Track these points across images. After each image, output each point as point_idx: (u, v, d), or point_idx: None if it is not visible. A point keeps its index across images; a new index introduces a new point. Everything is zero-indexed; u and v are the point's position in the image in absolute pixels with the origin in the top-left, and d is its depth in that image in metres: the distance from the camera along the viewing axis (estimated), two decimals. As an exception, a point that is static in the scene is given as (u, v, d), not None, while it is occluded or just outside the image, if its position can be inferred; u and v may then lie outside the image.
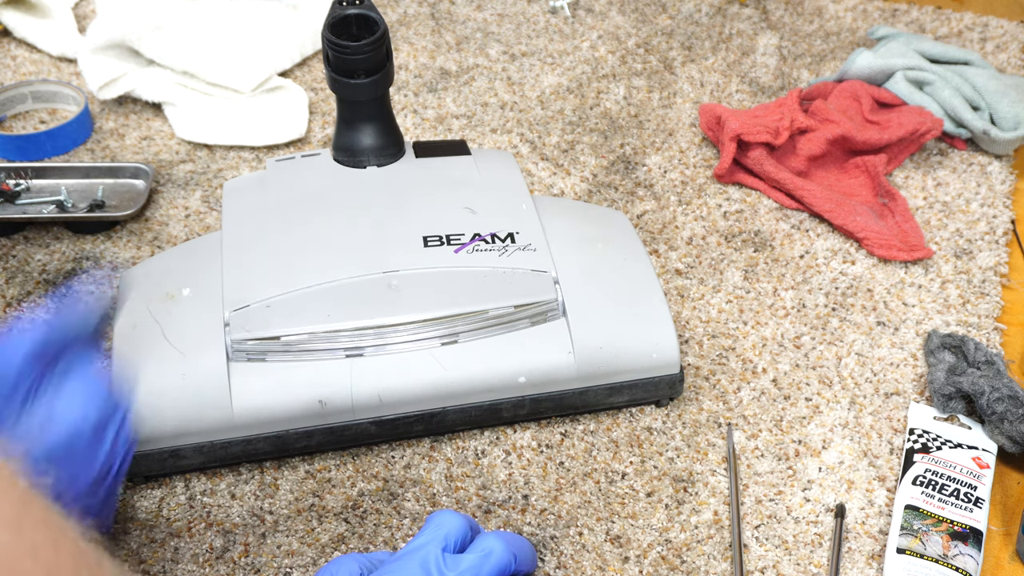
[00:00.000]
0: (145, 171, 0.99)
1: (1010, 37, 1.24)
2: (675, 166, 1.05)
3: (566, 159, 1.05)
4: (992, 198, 1.01)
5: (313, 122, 1.10)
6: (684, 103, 1.13)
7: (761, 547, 0.71)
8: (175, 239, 0.95)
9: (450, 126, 1.09)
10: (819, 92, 1.10)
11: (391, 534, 0.72)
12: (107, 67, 1.09)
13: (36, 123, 1.09)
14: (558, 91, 1.15)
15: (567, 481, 0.76)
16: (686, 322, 0.88)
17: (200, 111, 1.07)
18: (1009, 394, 0.76)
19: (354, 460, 0.77)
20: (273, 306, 0.74)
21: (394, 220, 0.81)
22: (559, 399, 0.77)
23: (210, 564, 0.70)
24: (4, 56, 1.18)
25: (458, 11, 1.28)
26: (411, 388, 0.74)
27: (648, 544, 0.72)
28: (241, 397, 0.72)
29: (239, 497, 0.74)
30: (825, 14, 1.28)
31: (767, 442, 0.78)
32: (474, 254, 0.78)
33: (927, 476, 0.74)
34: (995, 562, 0.71)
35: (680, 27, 1.25)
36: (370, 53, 0.79)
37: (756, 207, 1.00)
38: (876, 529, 0.73)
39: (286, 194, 0.84)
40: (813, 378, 0.83)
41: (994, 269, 0.93)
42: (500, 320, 0.76)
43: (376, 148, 0.85)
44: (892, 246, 0.93)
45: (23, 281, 0.90)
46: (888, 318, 0.89)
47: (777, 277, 0.92)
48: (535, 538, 0.72)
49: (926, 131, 1.02)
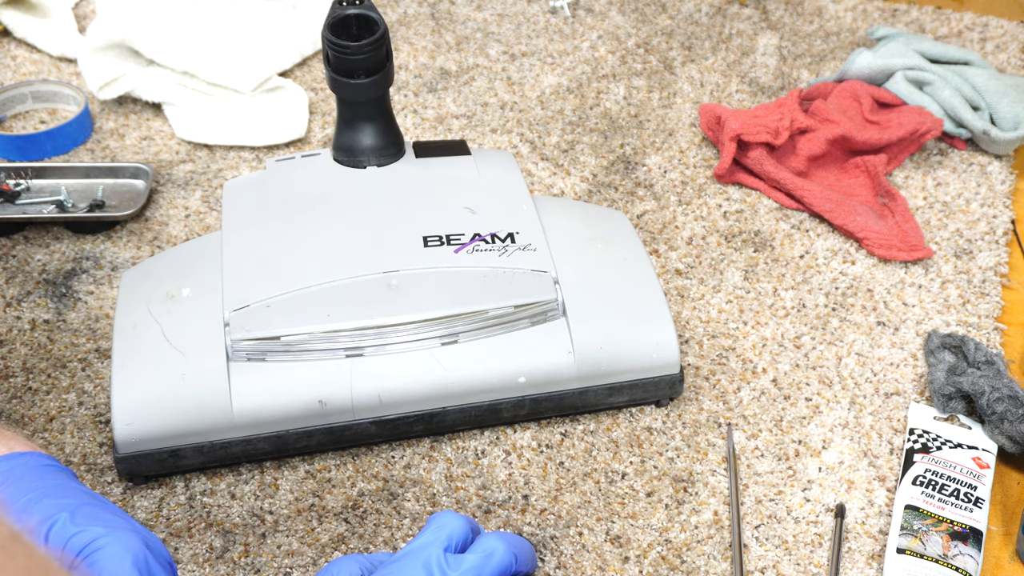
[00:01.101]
0: (145, 171, 0.99)
1: (1010, 37, 1.24)
2: (675, 166, 1.05)
3: (566, 159, 1.05)
4: (992, 198, 1.01)
5: (313, 122, 1.10)
6: (684, 103, 1.13)
7: (761, 547, 0.71)
8: (175, 239, 0.95)
9: (450, 126, 1.09)
10: (819, 92, 1.10)
11: (391, 534, 0.72)
12: (107, 67, 1.09)
13: (36, 123, 1.09)
14: (558, 91, 1.15)
15: (567, 481, 0.76)
16: (686, 322, 0.88)
17: (200, 111, 1.07)
18: (1009, 394, 0.76)
19: (354, 460, 0.77)
20: (273, 306, 0.74)
21: (394, 220, 0.81)
22: (559, 399, 0.77)
23: (210, 564, 0.70)
24: (4, 56, 1.18)
25: (458, 11, 1.28)
26: (411, 388, 0.74)
27: (648, 544, 0.72)
28: (241, 397, 0.72)
29: (239, 497, 0.74)
30: (825, 14, 1.28)
31: (767, 442, 0.78)
32: (474, 254, 0.78)
33: (927, 476, 0.74)
34: (995, 562, 0.71)
35: (680, 27, 1.25)
36: (370, 53, 0.79)
37: (756, 207, 1.00)
38: (876, 529, 0.73)
39: (286, 194, 0.84)
40: (813, 378, 0.83)
41: (994, 269, 0.93)
42: (500, 320, 0.76)
43: (376, 148, 0.85)
44: (892, 246, 0.93)
45: (23, 281, 0.90)
46: (888, 318, 0.89)
47: (777, 277, 0.92)
48: (535, 538, 0.72)
49: (926, 131, 1.02)
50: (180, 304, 0.76)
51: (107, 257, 0.93)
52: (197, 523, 0.72)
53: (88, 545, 0.58)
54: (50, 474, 0.62)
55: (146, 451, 0.72)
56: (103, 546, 0.58)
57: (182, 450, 0.73)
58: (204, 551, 0.71)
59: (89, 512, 0.59)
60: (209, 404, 0.72)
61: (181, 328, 0.75)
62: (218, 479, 0.75)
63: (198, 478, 0.75)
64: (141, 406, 0.72)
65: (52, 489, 0.61)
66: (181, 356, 0.73)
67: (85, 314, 0.87)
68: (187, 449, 0.73)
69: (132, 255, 0.93)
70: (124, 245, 0.94)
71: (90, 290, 0.90)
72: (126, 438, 0.71)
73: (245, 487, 0.75)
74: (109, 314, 0.87)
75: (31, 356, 0.84)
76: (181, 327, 0.75)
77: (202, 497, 0.74)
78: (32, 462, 0.62)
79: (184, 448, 0.73)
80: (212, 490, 0.75)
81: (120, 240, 0.95)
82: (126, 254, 0.93)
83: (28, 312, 0.88)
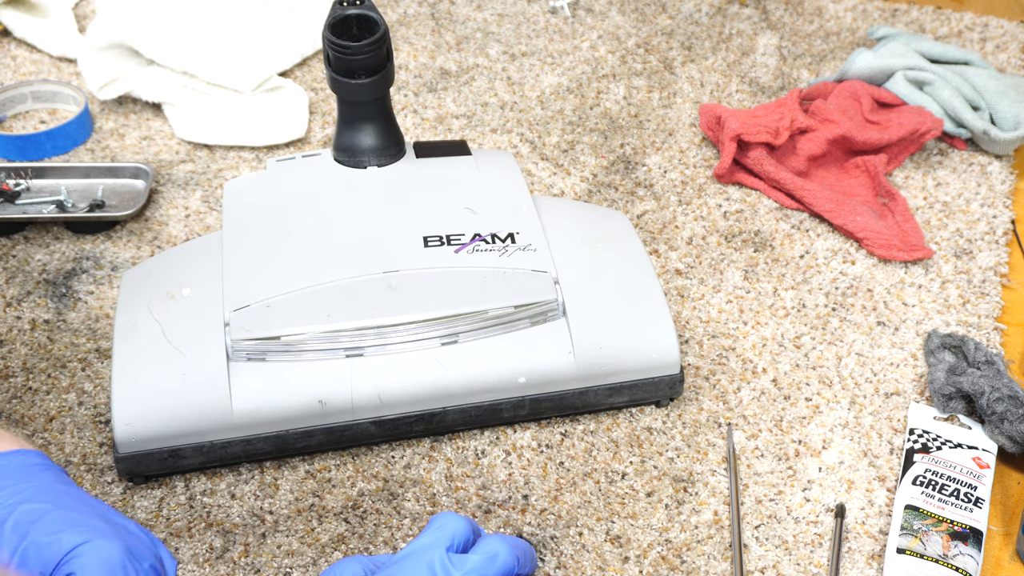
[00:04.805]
0: (145, 171, 0.99)
1: (1010, 37, 1.24)
2: (675, 166, 1.05)
3: (566, 159, 1.05)
4: (992, 198, 1.01)
5: (313, 122, 1.10)
6: (684, 103, 1.13)
7: (761, 547, 0.71)
8: (175, 239, 0.95)
9: (450, 126, 1.09)
10: (819, 92, 1.10)
11: (391, 534, 0.72)
12: (107, 67, 1.09)
13: (36, 123, 1.09)
14: (558, 91, 1.15)
15: (567, 481, 0.76)
16: (686, 322, 0.88)
17: (200, 111, 1.07)
18: (1009, 394, 0.76)
19: (354, 460, 0.77)
20: (273, 306, 0.74)
21: (394, 220, 0.81)
22: (559, 399, 0.77)
23: (210, 564, 0.70)
24: (4, 56, 1.18)
25: (458, 11, 1.28)
26: (411, 388, 0.74)
27: (648, 544, 0.72)
28: (241, 397, 0.72)
29: (239, 497, 0.74)
30: (825, 14, 1.28)
31: (767, 442, 0.79)
32: (474, 254, 0.78)
33: (927, 476, 0.74)
34: (995, 562, 0.71)
35: (680, 27, 1.25)
36: (370, 53, 0.79)
37: (756, 207, 1.00)
38: (876, 529, 0.73)
39: (286, 194, 0.84)
40: (813, 378, 0.83)
41: (994, 269, 0.93)
42: (500, 320, 0.76)
43: (376, 148, 0.85)
44: (892, 246, 0.93)
45: (23, 281, 0.90)
46: (888, 318, 0.89)
47: (777, 277, 0.92)
48: (535, 538, 0.72)
49: (926, 131, 1.02)
50: (180, 304, 0.76)
51: (107, 257, 0.93)
52: (197, 523, 0.72)
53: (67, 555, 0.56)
54: (34, 475, 0.61)
55: (146, 451, 0.72)
56: (80, 554, 0.56)
57: (182, 450, 0.73)
58: (204, 551, 0.71)
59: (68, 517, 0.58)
60: (209, 404, 0.72)
61: (181, 328, 0.75)
62: (218, 479, 0.75)
63: (198, 478, 0.75)
64: (141, 406, 0.72)
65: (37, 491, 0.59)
66: (181, 356, 0.73)
67: (85, 314, 0.87)
68: (187, 449, 0.73)
69: (132, 255, 0.93)
70: (124, 245, 0.94)
71: (90, 290, 0.90)
72: (126, 438, 0.71)
73: (245, 487, 0.75)
74: (109, 314, 0.87)
75: (31, 356, 0.84)
76: (181, 327, 0.75)
77: (202, 497, 0.74)
78: (15, 463, 0.61)
79: (184, 448, 0.73)
80: (212, 490, 0.75)
81: (120, 240, 0.95)
82: (126, 254, 0.93)
83: (28, 312, 0.88)
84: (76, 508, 0.59)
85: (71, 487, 0.62)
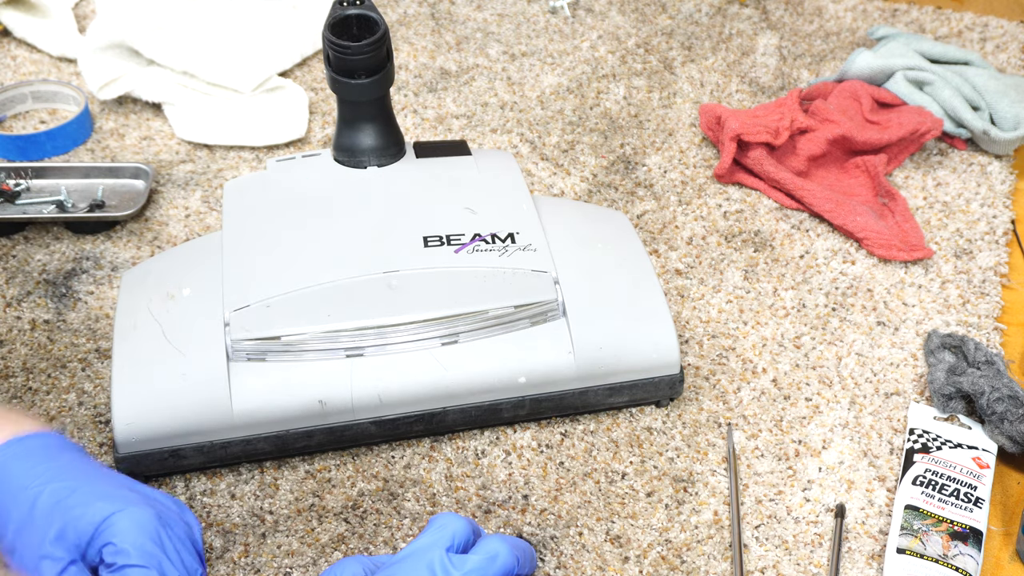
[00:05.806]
0: (145, 171, 0.99)
1: (1010, 37, 1.24)
2: (675, 166, 1.05)
3: (566, 159, 1.05)
4: (992, 198, 1.01)
5: (313, 122, 1.10)
6: (684, 103, 1.13)
7: (761, 547, 0.71)
8: (175, 239, 0.95)
9: (450, 126, 1.09)
10: (819, 92, 1.10)
11: (391, 534, 0.72)
12: (107, 67, 1.09)
13: (36, 123, 1.09)
14: (558, 91, 1.15)
15: (567, 481, 0.76)
16: (686, 322, 0.88)
17: (200, 111, 1.07)
18: (1009, 394, 0.76)
19: (354, 460, 0.77)
20: (273, 306, 0.74)
21: (394, 220, 0.81)
22: (559, 399, 0.77)
23: (210, 564, 0.70)
24: (4, 56, 1.18)
25: (458, 11, 1.28)
26: (411, 388, 0.74)
27: (648, 544, 0.72)
28: (241, 397, 0.72)
29: (239, 497, 0.74)
30: (825, 14, 1.28)
31: (767, 442, 0.79)
32: (474, 254, 0.78)
33: (927, 476, 0.74)
34: (995, 562, 0.71)
35: (680, 27, 1.25)
36: (370, 53, 0.79)
37: (756, 207, 1.00)
38: (876, 529, 0.73)
39: (287, 194, 0.84)
40: (813, 378, 0.83)
41: (994, 269, 0.93)
42: (500, 320, 0.76)
43: (376, 148, 0.85)
44: (892, 246, 0.93)
45: (23, 281, 0.90)
46: (888, 318, 0.89)
47: (777, 277, 0.92)
48: (535, 538, 0.72)
49: (926, 131, 1.02)
50: (180, 304, 0.76)
51: (107, 257, 0.93)
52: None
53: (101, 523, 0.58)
54: (57, 454, 0.62)
55: (146, 451, 0.72)
56: (115, 523, 0.58)
57: (182, 450, 0.73)
58: (204, 551, 0.71)
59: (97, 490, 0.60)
60: (209, 404, 0.72)
61: (181, 328, 0.75)
62: (218, 479, 0.75)
63: (198, 478, 0.75)
64: (141, 406, 0.72)
65: (62, 470, 0.61)
66: (181, 356, 0.73)
67: (85, 314, 0.87)
68: (187, 449, 0.73)
69: (132, 255, 0.93)
70: (124, 245, 0.94)
71: (90, 290, 0.90)
72: (126, 438, 0.71)
73: (245, 487, 0.75)
74: (109, 314, 0.87)
75: (31, 356, 0.84)
76: (181, 327, 0.75)
77: (202, 497, 0.74)
78: (37, 444, 0.62)
79: (184, 448, 0.73)
80: (212, 490, 0.75)
81: (120, 240, 0.95)
82: (126, 254, 0.93)
83: (28, 312, 0.88)
84: (103, 481, 0.61)
85: (94, 464, 0.64)
